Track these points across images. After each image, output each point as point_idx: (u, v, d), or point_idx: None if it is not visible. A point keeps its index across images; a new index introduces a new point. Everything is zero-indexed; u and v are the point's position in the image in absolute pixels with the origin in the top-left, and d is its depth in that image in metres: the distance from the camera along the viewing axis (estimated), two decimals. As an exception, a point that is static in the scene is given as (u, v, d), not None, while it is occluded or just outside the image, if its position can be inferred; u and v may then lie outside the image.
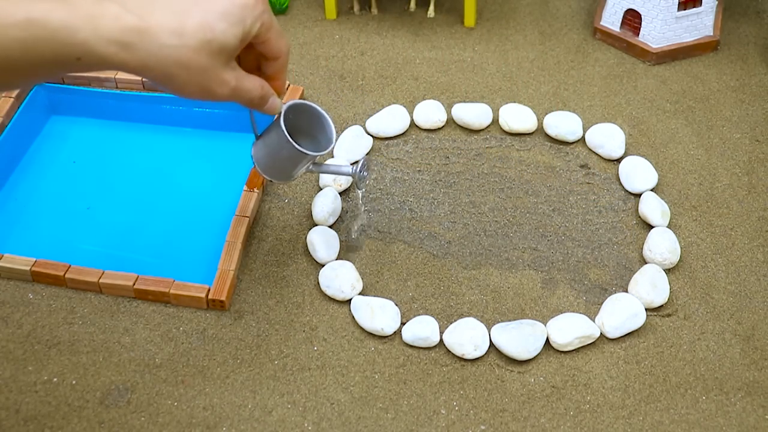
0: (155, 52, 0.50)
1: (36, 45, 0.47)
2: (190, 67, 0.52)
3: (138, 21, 0.49)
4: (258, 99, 0.60)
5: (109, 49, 0.49)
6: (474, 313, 0.77)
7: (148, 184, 0.90)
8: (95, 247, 0.84)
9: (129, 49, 0.49)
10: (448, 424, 0.68)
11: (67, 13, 0.47)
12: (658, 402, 0.70)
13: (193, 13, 0.51)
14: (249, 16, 0.54)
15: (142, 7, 0.50)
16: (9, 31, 0.46)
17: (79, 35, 0.48)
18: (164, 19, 0.50)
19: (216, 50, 0.52)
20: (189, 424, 0.68)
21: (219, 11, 0.52)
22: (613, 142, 0.91)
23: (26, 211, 0.88)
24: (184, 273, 0.79)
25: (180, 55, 0.51)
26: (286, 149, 0.66)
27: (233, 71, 0.56)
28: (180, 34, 0.50)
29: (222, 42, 0.52)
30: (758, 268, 0.81)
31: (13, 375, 0.71)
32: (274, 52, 0.60)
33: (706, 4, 1.03)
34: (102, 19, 0.48)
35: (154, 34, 0.50)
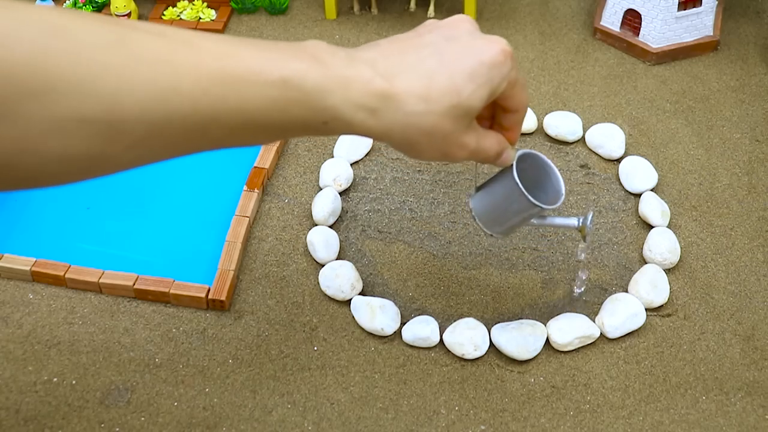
0: (400, 120, 0.48)
1: (287, 106, 0.45)
2: (434, 133, 0.50)
3: (387, 86, 0.47)
4: (494, 156, 0.57)
5: (357, 115, 0.47)
6: (474, 313, 0.77)
7: (148, 183, 0.90)
8: (95, 247, 0.84)
9: (375, 115, 0.47)
10: (448, 424, 0.68)
11: (322, 75, 0.46)
12: (658, 402, 0.70)
13: (439, 76, 0.48)
14: (497, 76, 0.51)
15: (390, 69, 0.48)
16: (263, 90, 0.44)
17: (329, 100, 0.46)
18: (411, 84, 0.48)
19: (461, 115, 0.50)
20: (189, 424, 0.68)
21: (467, 72, 0.49)
22: (613, 142, 0.91)
23: (26, 211, 0.88)
24: (184, 273, 0.79)
25: (425, 122, 0.49)
26: (517, 203, 0.62)
27: (474, 132, 0.53)
28: (426, 99, 0.48)
29: (468, 106, 0.50)
30: (758, 268, 0.81)
31: (13, 375, 0.71)
32: (515, 106, 0.56)
33: (706, 4, 1.03)
34: (354, 83, 0.47)
35: (401, 101, 0.48)
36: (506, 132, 0.58)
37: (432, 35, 0.51)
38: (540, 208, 0.62)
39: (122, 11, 1.10)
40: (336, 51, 0.48)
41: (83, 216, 0.87)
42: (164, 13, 1.15)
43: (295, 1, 1.17)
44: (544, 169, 0.66)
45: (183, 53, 0.42)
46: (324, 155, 0.92)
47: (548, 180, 0.66)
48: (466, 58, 0.50)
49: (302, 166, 0.91)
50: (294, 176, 0.90)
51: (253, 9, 1.16)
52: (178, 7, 1.16)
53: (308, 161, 0.91)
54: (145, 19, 1.15)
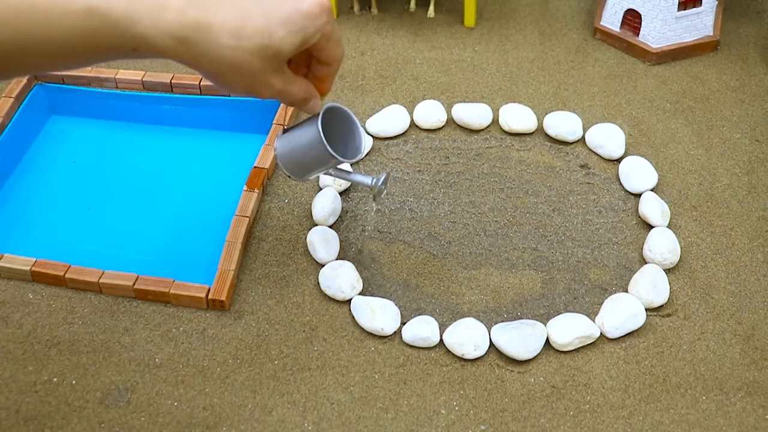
0: (211, 51, 0.50)
1: (94, 34, 0.47)
2: (242, 69, 0.51)
3: (200, 16, 0.49)
4: (300, 101, 0.59)
5: (166, 42, 0.48)
6: (474, 313, 0.77)
7: (148, 184, 0.90)
8: (95, 247, 0.84)
9: (186, 44, 0.49)
10: (448, 424, 0.68)
11: (129, 3, 0.47)
12: (658, 402, 0.70)
13: (255, 16, 0.50)
14: (311, 26, 0.53)
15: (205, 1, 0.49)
16: (68, 20, 0.46)
17: (138, 27, 0.47)
18: (226, 18, 0.49)
19: (270, 56, 0.52)
20: (189, 424, 0.68)
21: (281, 17, 0.51)
22: (613, 142, 0.91)
23: (26, 211, 0.88)
24: (184, 273, 0.79)
25: (234, 56, 0.50)
26: (316, 149, 0.65)
27: (282, 75, 0.55)
28: (238, 36, 0.50)
29: (278, 49, 0.52)
30: (758, 268, 0.81)
31: (13, 375, 0.71)
32: (328, 59, 0.59)
33: (706, 4, 1.03)
34: (164, 12, 0.48)
35: (213, 32, 0.49)
36: (319, 82, 0.61)
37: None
38: (337, 160, 0.65)
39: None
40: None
41: (83, 216, 0.87)
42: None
43: None
44: (349, 125, 0.69)
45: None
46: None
47: (352, 136, 0.69)
48: (284, 4, 0.51)
49: (302, 166, 0.91)
50: (294, 176, 0.90)
51: (253, 9, 1.16)
52: None
53: (308, 161, 0.91)
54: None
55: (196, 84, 0.95)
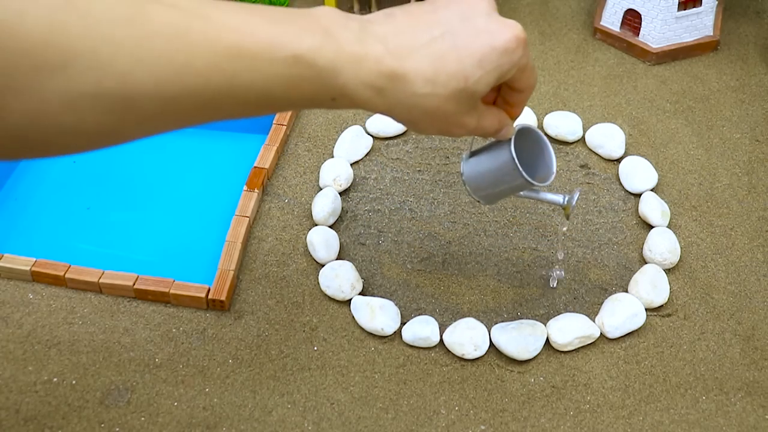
0: (406, 99, 0.48)
1: (298, 83, 0.45)
2: (436, 115, 0.50)
3: (396, 65, 0.47)
4: (493, 133, 0.58)
5: (364, 93, 0.47)
6: (474, 313, 0.77)
7: (148, 184, 0.90)
8: (95, 247, 0.84)
9: (382, 94, 0.48)
10: (448, 424, 0.68)
11: (334, 52, 0.46)
12: (658, 402, 0.70)
13: (449, 60, 0.48)
14: (507, 63, 0.50)
15: (401, 47, 0.48)
16: (275, 67, 0.44)
17: (340, 78, 0.46)
18: (420, 65, 0.48)
19: (465, 98, 0.50)
20: (189, 424, 0.68)
21: (477, 57, 0.49)
22: (613, 142, 0.91)
23: (26, 211, 0.88)
24: (184, 273, 0.79)
25: (429, 104, 0.49)
26: (509, 176, 0.63)
27: (475, 113, 0.53)
28: (434, 82, 0.48)
29: (473, 91, 0.50)
30: (758, 268, 0.81)
31: (13, 375, 0.71)
32: (521, 88, 0.56)
33: (706, 4, 1.03)
34: (365, 62, 0.47)
35: (408, 82, 0.48)
36: (509, 107, 0.58)
37: (447, 12, 0.50)
38: (531, 184, 0.63)
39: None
40: (348, 23, 0.47)
41: (83, 216, 0.87)
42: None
43: (295, 2, 1.17)
44: (539, 144, 0.66)
45: (197, 27, 0.42)
46: (324, 155, 0.91)
47: (541, 155, 0.66)
48: (478, 42, 0.49)
49: (302, 166, 0.91)
50: (294, 176, 0.90)
51: (253, 9, 1.16)
52: None
53: (308, 161, 0.91)
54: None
55: (196, 84, 0.95)
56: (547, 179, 0.64)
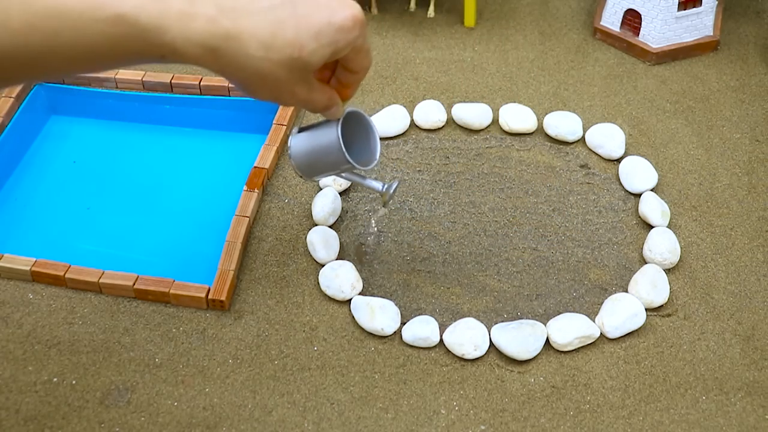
0: (239, 60, 0.49)
1: (122, 41, 0.46)
2: (268, 79, 0.51)
3: (231, 26, 0.48)
4: (322, 108, 0.59)
5: (195, 51, 0.48)
6: (474, 313, 0.77)
7: (148, 184, 0.90)
8: (95, 247, 0.84)
9: (215, 53, 0.48)
10: (448, 424, 0.68)
11: (159, 11, 0.46)
12: (658, 402, 0.70)
13: (286, 27, 0.49)
14: (342, 40, 0.52)
15: (238, 10, 0.48)
16: (97, 26, 0.45)
17: (167, 35, 0.47)
18: (257, 28, 0.48)
19: (298, 67, 0.51)
20: (189, 424, 0.68)
21: (313, 30, 0.50)
22: (613, 142, 0.91)
23: (26, 211, 0.88)
24: (184, 273, 0.79)
25: (262, 67, 0.50)
26: (333, 154, 0.65)
27: (307, 84, 0.54)
28: (268, 47, 0.49)
29: (306, 61, 0.51)
30: (758, 268, 0.81)
31: (13, 375, 0.71)
32: (356, 69, 0.58)
33: (706, 4, 1.03)
34: (194, 21, 0.47)
35: (242, 42, 0.48)
36: (342, 88, 0.60)
37: None
38: (351, 166, 0.65)
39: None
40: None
41: (83, 216, 0.87)
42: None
43: None
44: (366, 129, 0.68)
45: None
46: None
47: (367, 141, 0.69)
48: (317, 16, 0.50)
49: (302, 166, 0.91)
50: (294, 176, 0.90)
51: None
52: None
53: (308, 161, 0.91)
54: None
55: (196, 84, 0.95)
56: (370, 164, 0.67)
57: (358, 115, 0.67)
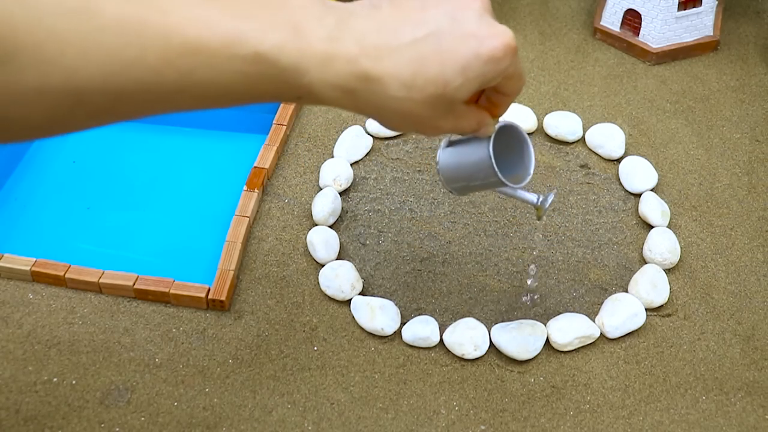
0: (376, 102, 0.46)
1: (259, 81, 0.43)
2: (409, 118, 0.48)
3: (371, 66, 0.45)
4: (471, 132, 0.55)
5: (332, 94, 0.45)
6: (474, 313, 0.77)
7: (148, 184, 0.90)
8: (95, 247, 0.84)
9: (352, 94, 0.45)
10: (448, 424, 0.68)
11: (299, 51, 0.43)
12: (658, 402, 0.70)
13: (430, 64, 0.45)
14: (492, 72, 0.47)
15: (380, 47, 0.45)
16: (234, 64, 0.42)
17: (305, 78, 0.44)
18: (399, 68, 0.45)
19: (442, 104, 0.47)
20: (189, 424, 0.68)
21: (460, 64, 0.46)
22: (613, 142, 0.91)
23: (26, 211, 0.88)
24: (184, 273, 0.79)
25: (402, 107, 0.46)
26: (485, 173, 0.61)
27: (452, 115, 0.50)
28: (410, 86, 0.45)
29: (451, 97, 0.47)
30: (758, 268, 0.81)
31: (13, 375, 0.71)
32: (507, 92, 0.54)
33: (706, 4, 1.03)
34: (334, 62, 0.44)
35: (382, 84, 0.45)
36: (493, 107, 0.56)
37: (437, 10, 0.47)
38: (505, 185, 0.61)
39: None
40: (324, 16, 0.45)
41: (83, 216, 0.87)
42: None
43: (295, 1, 1.17)
44: (520, 142, 0.65)
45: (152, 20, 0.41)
46: (324, 155, 0.91)
47: (521, 154, 0.65)
48: (464, 48, 0.46)
49: (302, 166, 0.91)
50: (294, 176, 0.90)
51: (253, 9, 1.16)
52: None
53: (308, 161, 0.91)
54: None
55: (196, 84, 0.95)
56: (523, 180, 0.63)
57: (510, 128, 0.63)
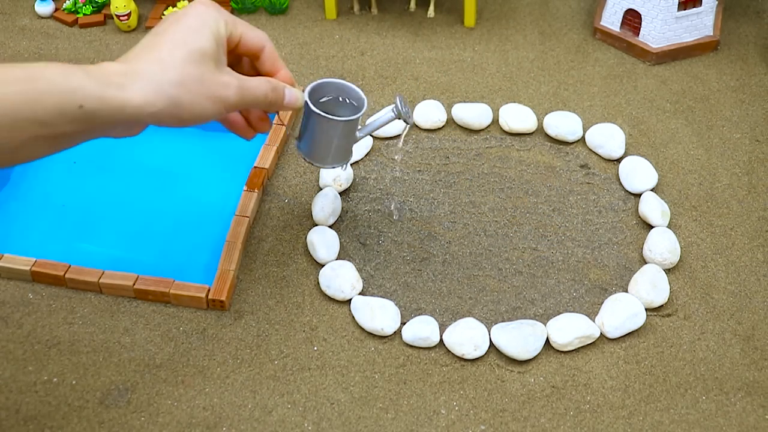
0: (149, 84, 0.53)
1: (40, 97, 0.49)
2: (185, 81, 0.54)
3: (125, 66, 0.53)
4: (271, 92, 0.61)
5: (107, 91, 0.51)
6: (474, 313, 0.77)
7: (149, 184, 0.90)
8: (95, 247, 0.84)
9: (124, 87, 0.52)
10: (448, 424, 0.68)
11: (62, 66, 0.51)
12: (658, 402, 0.70)
13: (163, 44, 0.55)
14: (209, 19, 0.57)
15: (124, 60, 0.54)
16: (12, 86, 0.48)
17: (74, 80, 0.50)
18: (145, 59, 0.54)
19: (199, 58, 0.55)
20: (189, 424, 0.68)
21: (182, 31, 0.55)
22: (613, 142, 0.91)
23: (26, 211, 0.88)
24: (184, 273, 0.79)
25: (170, 75, 0.53)
26: (332, 128, 0.65)
27: (229, 73, 0.58)
28: (160, 59, 0.54)
29: (199, 48, 0.55)
30: (758, 268, 0.81)
31: (13, 375, 0.71)
32: (256, 43, 0.61)
33: (706, 4, 1.03)
34: (92, 69, 0.52)
35: (141, 70, 0.53)
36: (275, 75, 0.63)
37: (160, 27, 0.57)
38: (350, 121, 0.66)
39: (122, 11, 1.10)
40: None
41: (83, 216, 0.87)
42: (164, 13, 1.15)
43: (295, 1, 1.17)
44: (339, 89, 0.69)
45: None
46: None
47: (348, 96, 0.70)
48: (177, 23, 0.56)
49: (302, 166, 0.91)
50: (294, 176, 0.90)
51: (253, 9, 1.16)
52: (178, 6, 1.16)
53: (308, 161, 0.91)
54: (145, 19, 1.15)
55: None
56: (362, 107, 0.68)
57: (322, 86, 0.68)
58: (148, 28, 1.13)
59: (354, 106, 0.70)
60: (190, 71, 0.54)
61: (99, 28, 1.14)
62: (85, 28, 1.14)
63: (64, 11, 1.16)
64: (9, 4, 1.19)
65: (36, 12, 1.16)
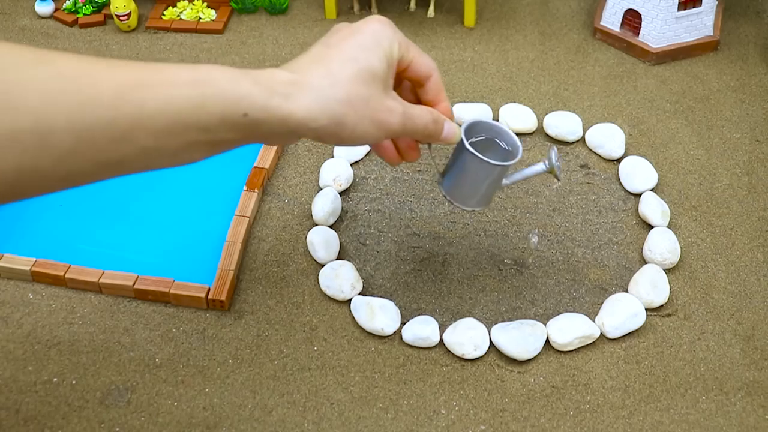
0: (315, 98, 0.51)
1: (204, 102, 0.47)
2: (352, 100, 0.52)
3: (294, 76, 0.51)
4: (432, 124, 0.59)
5: (272, 100, 0.49)
6: (474, 313, 0.77)
7: (148, 184, 0.90)
8: (95, 247, 0.84)
9: (290, 98, 0.50)
10: (448, 424, 0.68)
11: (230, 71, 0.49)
12: (658, 402, 0.70)
13: (333, 57, 0.53)
14: (383, 38, 0.55)
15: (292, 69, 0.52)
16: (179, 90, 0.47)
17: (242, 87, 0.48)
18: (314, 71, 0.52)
19: (369, 78, 0.53)
20: (189, 424, 0.68)
21: (354, 47, 0.54)
22: (613, 142, 0.91)
23: (26, 211, 0.88)
24: (184, 273, 0.79)
25: (337, 92, 0.51)
26: (482, 170, 0.62)
27: (394, 98, 0.56)
28: (329, 74, 0.52)
29: (370, 67, 0.53)
30: (758, 268, 0.81)
31: (13, 375, 0.71)
32: (424, 71, 0.59)
33: (706, 4, 1.03)
34: (260, 76, 0.50)
35: (308, 83, 0.51)
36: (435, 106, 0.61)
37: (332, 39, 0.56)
38: (503, 167, 0.63)
39: (122, 11, 1.10)
40: None
41: (83, 216, 0.87)
42: (164, 13, 1.16)
43: (295, 1, 1.17)
44: (493, 130, 0.66)
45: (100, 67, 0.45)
46: (324, 155, 0.92)
47: (502, 139, 0.67)
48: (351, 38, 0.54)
49: (302, 166, 0.91)
50: (294, 176, 0.90)
51: (253, 9, 1.16)
52: (178, 7, 1.16)
53: (308, 161, 0.91)
54: (145, 19, 1.15)
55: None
56: (517, 154, 0.65)
57: (477, 124, 0.64)
58: (148, 28, 1.14)
59: (506, 151, 0.67)
60: (358, 91, 0.52)
61: (99, 28, 1.14)
62: (85, 28, 1.15)
63: (64, 11, 1.16)
64: (9, 4, 1.19)
65: (36, 12, 1.16)
